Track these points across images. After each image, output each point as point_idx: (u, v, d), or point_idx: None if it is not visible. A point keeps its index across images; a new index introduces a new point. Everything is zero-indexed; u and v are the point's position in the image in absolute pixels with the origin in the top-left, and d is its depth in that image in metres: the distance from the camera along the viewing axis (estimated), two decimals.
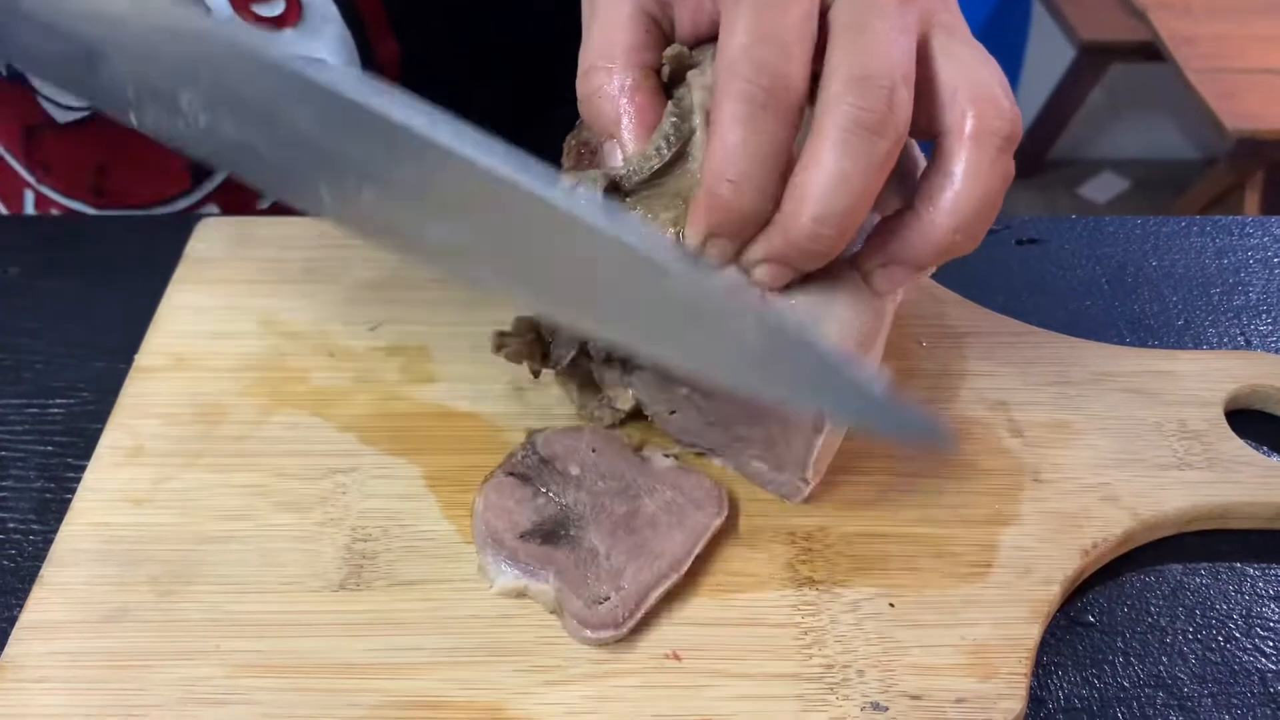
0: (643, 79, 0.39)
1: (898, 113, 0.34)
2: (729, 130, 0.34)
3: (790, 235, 0.35)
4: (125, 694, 0.35)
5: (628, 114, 0.39)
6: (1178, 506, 0.41)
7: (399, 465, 0.42)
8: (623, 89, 0.39)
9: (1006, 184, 0.37)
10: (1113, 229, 0.57)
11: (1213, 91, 1.83)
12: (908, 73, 0.35)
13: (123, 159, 0.61)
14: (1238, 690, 0.38)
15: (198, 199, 0.62)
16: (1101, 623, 0.40)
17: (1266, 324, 0.52)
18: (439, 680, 0.35)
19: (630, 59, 0.39)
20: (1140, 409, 0.45)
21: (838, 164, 0.34)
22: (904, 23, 0.35)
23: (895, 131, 0.34)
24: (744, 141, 0.34)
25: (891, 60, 0.34)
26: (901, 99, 0.34)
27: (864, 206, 0.35)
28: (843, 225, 0.35)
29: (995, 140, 0.36)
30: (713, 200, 0.35)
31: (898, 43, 0.35)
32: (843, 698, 0.35)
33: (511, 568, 0.38)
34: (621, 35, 0.39)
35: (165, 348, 0.46)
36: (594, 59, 0.40)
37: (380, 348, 0.47)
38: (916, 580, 0.39)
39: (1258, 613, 0.40)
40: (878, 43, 0.34)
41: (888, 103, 0.34)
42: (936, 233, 0.36)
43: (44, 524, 0.41)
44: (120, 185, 0.62)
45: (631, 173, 0.39)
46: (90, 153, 0.61)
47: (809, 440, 0.39)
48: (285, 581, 0.38)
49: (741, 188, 0.35)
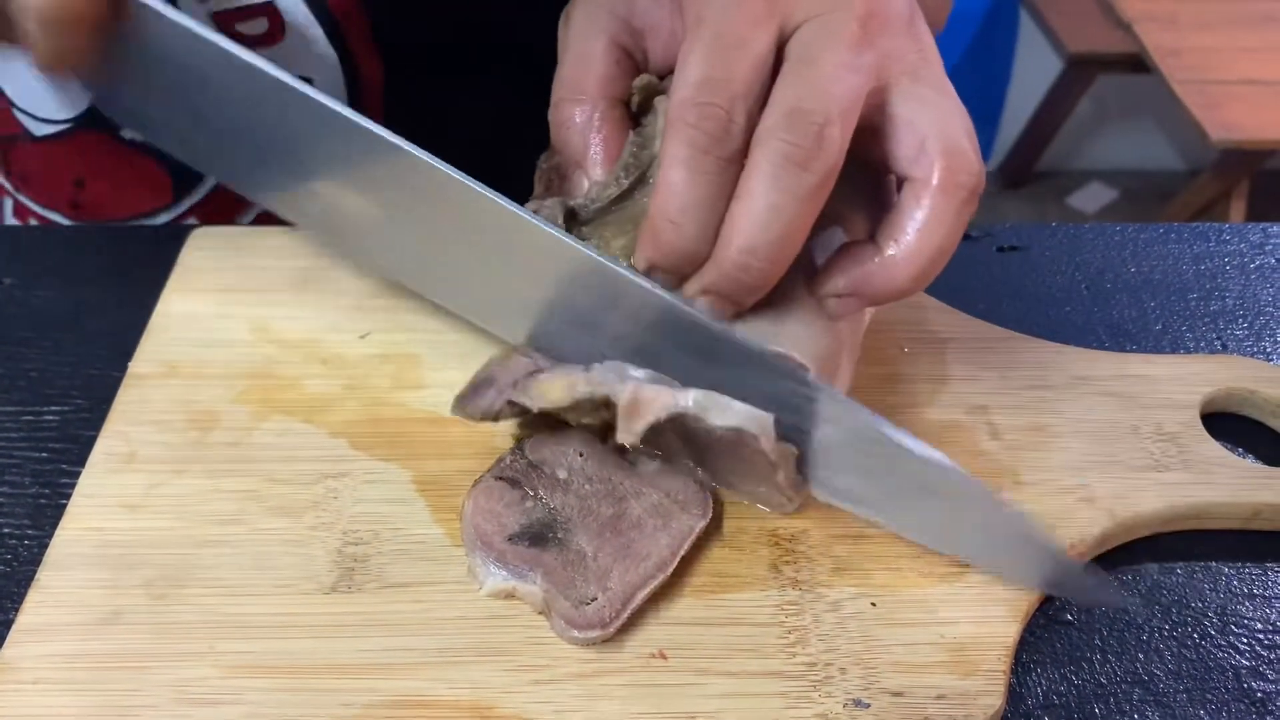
0: (610, 110, 0.41)
1: (827, 149, 0.35)
2: (673, 171, 0.36)
3: (723, 267, 0.36)
4: (120, 695, 0.35)
5: (595, 145, 0.40)
6: (1154, 507, 0.42)
7: (389, 470, 0.42)
8: (590, 121, 0.40)
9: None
10: (1092, 236, 0.58)
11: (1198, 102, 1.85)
12: (846, 110, 0.35)
13: (102, 173, 0.62)
14: (1212, 686, 0.38)
15: (178, 213, 0.63)
16: (1079, 621, 0.40)
17: (1242, 328, 0.52)
18: (429, 680, 0.36)
19: (600, 91, 0.41)
20: (1118, 412, 0.46)
21: (766, 197, 0.35)
22: (856, 62, 0.36)
23: (823, 167, 0.35)
24: (686, 183, 0.36)
25: (830, 96, 0.35)
26: (831, 136, 0.35)
27: (795, 238, 0.36)
28: (772, 256, 0.36)
29: (961, 193, 0.37)
30: (655, 237, 0.37)
31: (841, 80, 0.35)
32: (825, 695, 0.36)
33: (500, 569, 0.39)
34: (593, 68, 0.41)
35: (158, 355, 0.47)
36: (565, 91, 0.41)
37: (372, 355, 0.47)
38: (898, 580, 0.39)
39: (1232, 610, 0.41)
40: (819, 78, 0.35)
41: (816, 139, 0.34)
42: (897, 275, 0.38)
43: (39, 529, 0.42)
44: (99, 199, 0.63)
45: (590, 201, 0.40)
46: (68, 166, 0.61)
47: (796, 481, 0.40)
48: (278, 584, 0.39)
49: (682, 228, 0.36)
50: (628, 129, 0.41)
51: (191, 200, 0.62)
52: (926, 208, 0.37)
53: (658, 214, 0.37)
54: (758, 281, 0.37)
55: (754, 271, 0.36)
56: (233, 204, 0.63)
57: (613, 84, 0.41)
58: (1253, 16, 2.06)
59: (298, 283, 0.50)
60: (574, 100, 0.41)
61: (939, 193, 0.37)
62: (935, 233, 0.37)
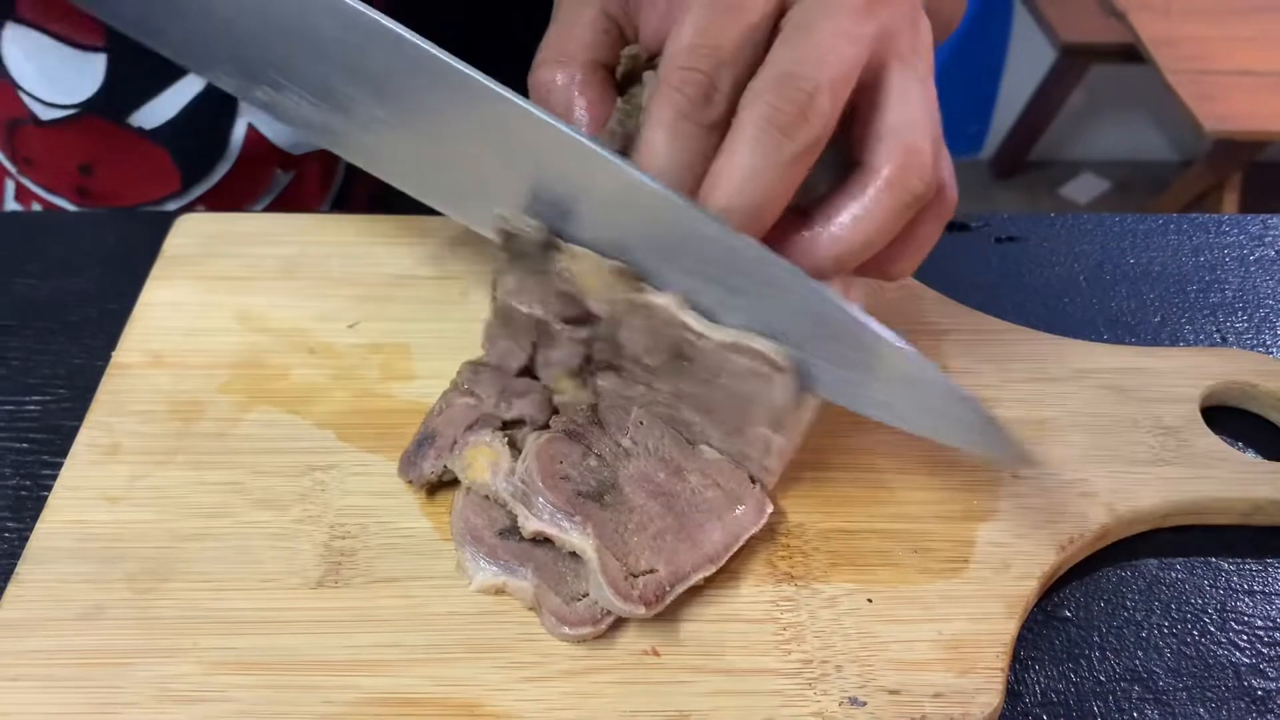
0: (592, 74, 0.40)
1: (813, 118, 0.34)
2: (654, 132, 0.36)
3: None
4: (101, 692, 0.34)
5: (579, 107, 0.39)
6: (1154, 502, 0.42)
7: (378, 462, 0.42)
8: (572, 83, 0.39)
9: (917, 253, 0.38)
10: (1091, 227, 0.57)
11: (1191, 93, 1.84)
12: (837, 79, 0.34)
13: (110, 160, 0.61)
14: (1212, 684, 0.38)
15: (187, 202, 0.62)
16: (1078, 617, 0.40)
17: (1242, 321, 0.52)
18: (417, 677, 0.35)
19: (584, 56, 0.40)
20: (1117, 406, 0.45)
21: (747, 159, 0.34)
22: (856, 32, 0.35)
23: (808, 136, 0.34)
24: (666, 145, 0.35)
25: (822, 63, 0.34)
26: (821, 105, 0.34)
27: (773, 204, 0.35)
28: (747, 220, 0.35)
29: (906, 195, 0.36)
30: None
31: (837, 49, 0.34)
32: (821, 693, 0.35)
33: (490, 565, 0.38)
34: (579, 33, 0.40)
35: (142, 344, 0.46)
36: (548, 54, 0.40)
37: (360, 345, 0.46)
38: (894, 576, 0.39)
39: (1232, 607, 0.40)
40: (814, 45, 0.34)
41: (803, 105, 0.34)
42: (816, 255, 0.37)
43: (19, 521, 0.41)
44: (106, 186, 0.62)
45: None
46: (75, 152, 0.61)
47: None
48: (263, 579, 0.38)
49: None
50: (612, 97, 0.40)
51: (201, 189, 0.61)
52: (867, 198, 0.36)
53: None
54: None
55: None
56: (243, 192, 0.62)
57: (598, 50, 0.40)
58: (1246, 6, 2.06)
59: (285, 270, 0.49)
60: (556, 63, 0.39)
61: (885, 186, 0.35)
62: (866, 224, 0.36)
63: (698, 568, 0.37)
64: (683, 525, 0.38)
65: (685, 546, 0.38)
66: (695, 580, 0.37)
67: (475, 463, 0.39)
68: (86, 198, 0.62)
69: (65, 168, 0.61)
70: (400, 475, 0.41)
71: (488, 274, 0.49)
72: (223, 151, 0.60)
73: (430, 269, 0.50)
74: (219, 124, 0.60)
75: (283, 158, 0.62)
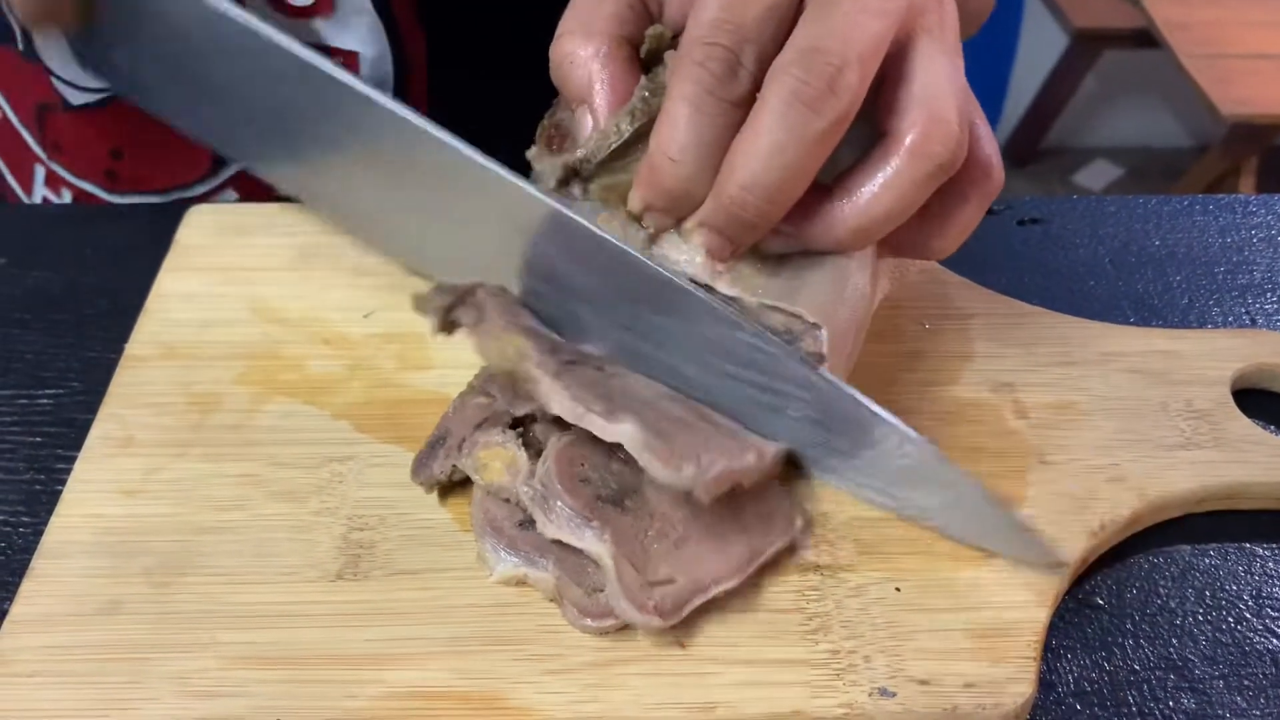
0: (617, 49, 0.39)
1: (840, 93, 0.33)
2: (677, 108, 0.35)
3: (720, 201, 0.35)
4: (119, 688, 0.34)
5: (600, 80, 0.38)
6: (1186, 487, 0.41)
7: (396, 453, 0.41)
8: (596, 55, 0.38)
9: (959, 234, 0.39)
10: (1114, 209, 0.56)
11: (1207, 77, 1.83)
12: (865, 54, 0.34)
13: (140, 144, 0.60)
14: (1249, 672, 0.37)
15: (216, 184, 0.61)
16: (1110, 605, 0.39)
17: (1272, 302, 0.51)
18: (438, 670, 0.35)
19: (608, 28, 0.39)
20: (1146, 389, 0.44)
21: (771, 135, 0.34)
22: (882, 7, 0.34)
23: (835, 111, 0.33)
24: (688, 121, 0.35)
25: (849, 39, 0.34)
26: (848, 81, 0.33)
27: (797, 180, 0.35)
28: (771, 196, 0.35)
29: (929, 164, 0.35)
30: (653, 174, 0.36)
31: (863, 24, 0.34)
32: (850, 684, 0.35)
33: (511, 556, 0.37)
34: (605, 7, 0.39)
35: (156, 336, 0.45)
36: (571, 25, 0.39)
37: (376, 334, 0.46)
38: (922, 564, 0.38)
39: (1268, 593, 0.39)
40: (841, 20, 0.34)
41: (830, 80, 0.33)
42: (836, 226, 0.36)
43: (34, 516, 0.40)
44: (136, 171, 0.61)
45: (591, 154, 0.38)
46: (105, 137, 0.60)
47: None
48: (281, 572, 0.37)
49: (681, 166, 0.35)
50: (636, 74, 0.39)
51: (229, 172, 0.61)
52: (891, 166, 0.35)
53: (656, 150, 0.36)
54: (755, 220, 0.35)
55: (751, 209, 0.35)
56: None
57: (623, 25, 0.39)
58: None
59: (298, 260, 0.49)
60: (580, 35, 0.38)
61: (908, 154, 0.35)
62: (888, 194, 0.35)
63: (719, 580, 0.36)
64: (707, 534, 0.37)
65: (708, 557, 0.36)
66: (715, 593, 0.36)
67: (490, 465, 0.38)
68: (116, 183, 0.62)
69: (95, 153, 0.61)
70: (412, 478, 0.40)
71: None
72: None
73: None
74: None
75: None
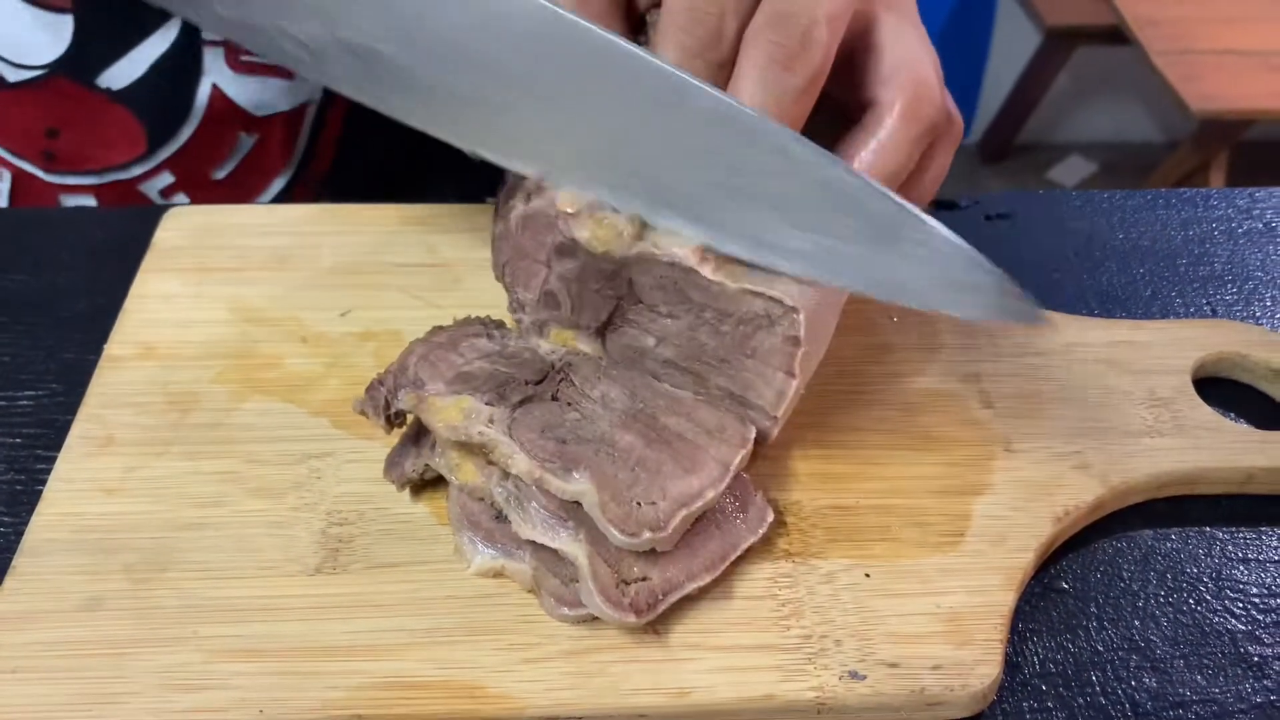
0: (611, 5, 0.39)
1: (812, 50, 0.35)
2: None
3: None
4: (102, 682, 0.34)
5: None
6: (1148, 473, 0.42)
7: (373, 449, 0.42)
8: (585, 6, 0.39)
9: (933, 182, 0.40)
10: (1079, 203, 0.57)
11: (1176, 73, 1.84)
12: (832, 14, 0.35)
13: (77, 122, 0.60)
14: (1209, 651, 0.38)
15: (152, 165, 0.62)
16: (1075, 589, 0.40)
17: (1231, 293, 0.52)
18: (418, 661, 0.35)
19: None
20: (1110, 378, 0.45)
21: (751, 97, 0.35)
22: None
23: (809, 68, 0.35)
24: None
25: (816, 2, 0.35)
26: (818, 36, 0.35)
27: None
28: None
29: (919, 125, 0.37)
30: None
31: None
32: (821, 667, 0.35)
33: (488, 548, 0.38)
34: None
35: (134, 337, 0.46)
36: None
37: (353, 333, 0.46)
38: (891, 551, 0.39)
39: (1227, 575, 0.40)
40: None
41: (802, 39, 0.35)
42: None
43: (14, 515, 0.41)
44: (73, 150, 0.61)
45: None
46: (41, 115, 0.60)
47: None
48: (261, 566, 0.38)
49: None
50: (625, 32, 0.39)
51: (166, 152, 0.61)
52: (885, 131, 0.37)
53: None
54: None
55: None
56: (209, 156, 0.62)
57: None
58: None
59: (276, 260, 0.49)
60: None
61: (900, 118, 0.37)
62: (889, 157, 0.37)
63: (692, 577, 0.37)
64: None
65: (681, 555, 0.37)
66: (689, 590, 0.36)
67: (463, 465, 0.39)
68: (53, 162, 0.62)
69: (32, 131, 0.61)
70: (385, 476, 0.40)
71: (479, 261, 0.49)
72: (188, 112, 0.60)
73: (421, 256, 0.50)
74: (184, 83, 0.59)
75: (246, 120, 0.61)
